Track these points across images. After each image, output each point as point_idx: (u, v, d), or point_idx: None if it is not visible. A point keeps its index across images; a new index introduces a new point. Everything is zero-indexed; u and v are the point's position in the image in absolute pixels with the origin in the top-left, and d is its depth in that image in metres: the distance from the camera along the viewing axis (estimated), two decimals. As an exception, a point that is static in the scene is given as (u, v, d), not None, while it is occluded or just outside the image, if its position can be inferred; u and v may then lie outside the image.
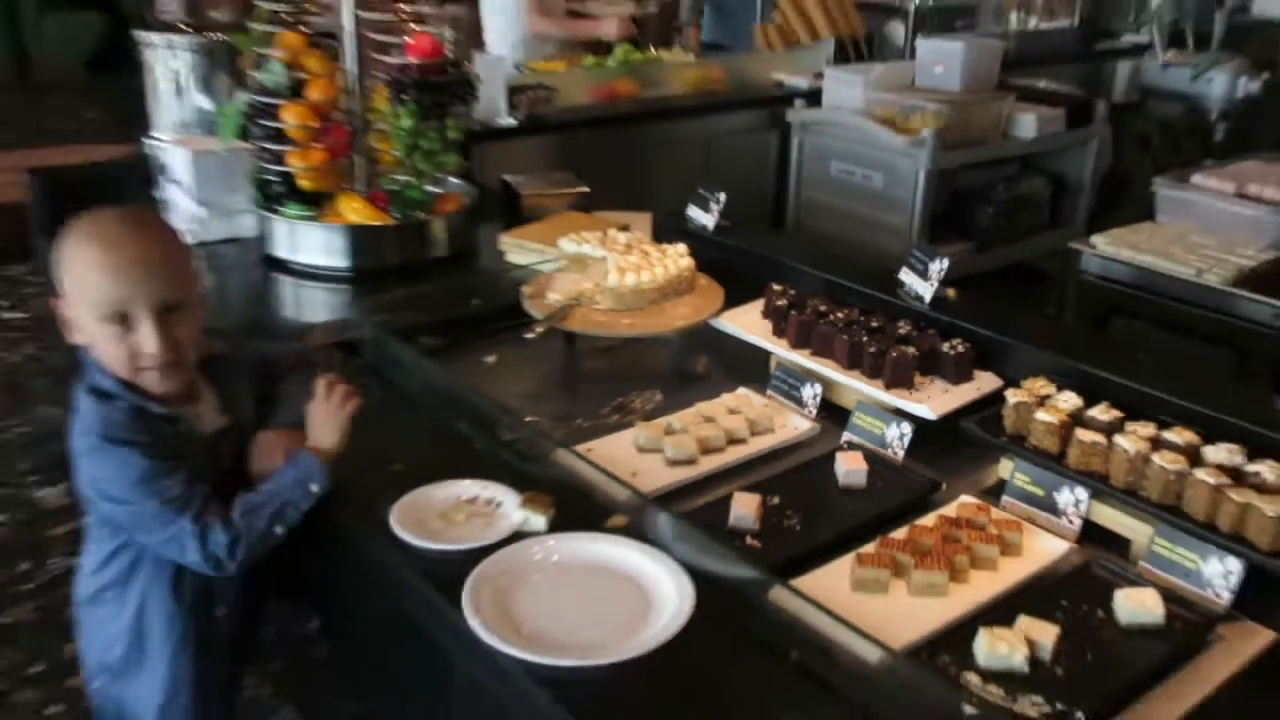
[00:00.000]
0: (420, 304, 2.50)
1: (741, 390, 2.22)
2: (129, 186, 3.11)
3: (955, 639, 1.54)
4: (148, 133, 3.34)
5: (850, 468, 1.92)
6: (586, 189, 3.19)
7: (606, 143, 4.22)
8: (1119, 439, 1.78)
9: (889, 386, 2.09)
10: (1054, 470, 1.83)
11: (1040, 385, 1.97)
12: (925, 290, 2.26)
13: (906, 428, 1.98)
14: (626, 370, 2.43)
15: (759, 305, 2.41)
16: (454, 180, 3.06)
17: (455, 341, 2.42)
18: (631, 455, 2.00)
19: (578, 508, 1.75)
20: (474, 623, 1.45)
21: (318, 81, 2.76)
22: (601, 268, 2.41)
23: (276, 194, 2.83)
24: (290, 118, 2.73)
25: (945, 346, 2.12)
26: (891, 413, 2.04)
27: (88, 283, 1.58)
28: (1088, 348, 2.10)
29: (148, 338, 1.59)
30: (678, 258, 2.44)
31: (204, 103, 3.29)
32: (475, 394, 2.07)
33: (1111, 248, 3.09)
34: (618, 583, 1.57)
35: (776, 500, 1.86)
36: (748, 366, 2.32)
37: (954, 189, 4.42)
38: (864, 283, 2.37)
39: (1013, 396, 1.94)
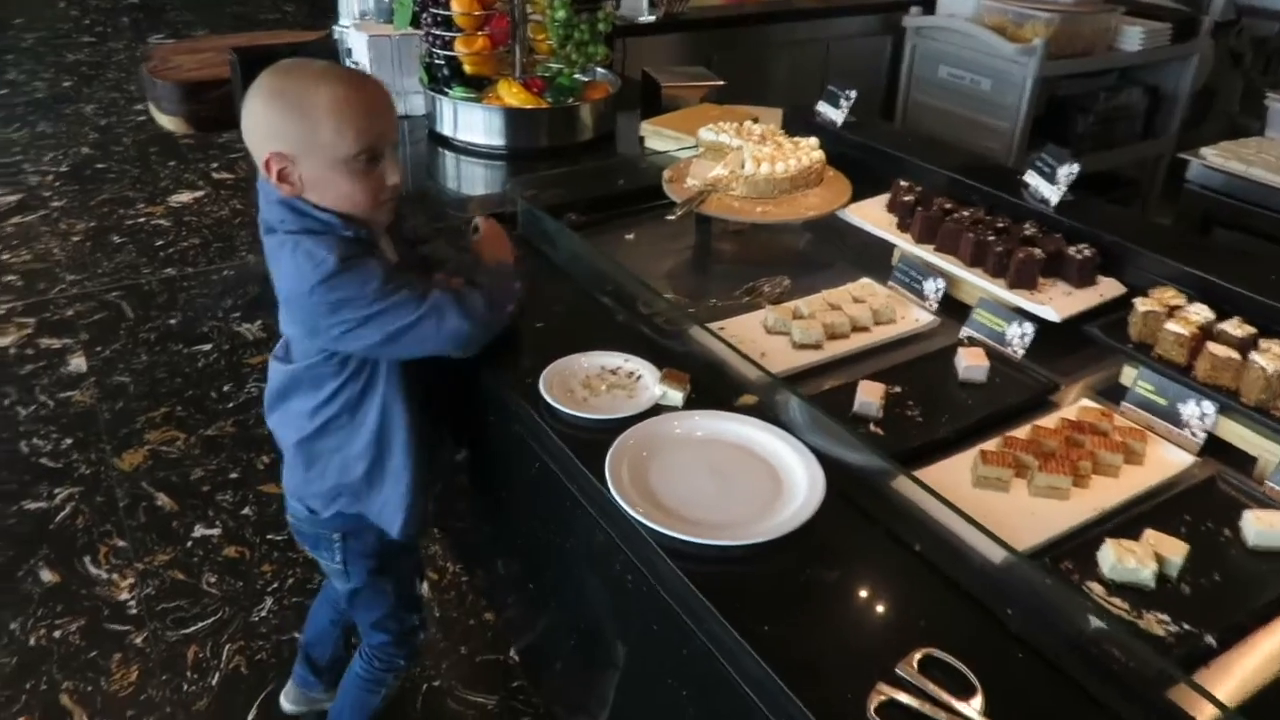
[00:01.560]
0: (569, 183, 2.25)
1: (865, 280, 1.94)
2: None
3: (1078, 546, 1.30)
4: (336, 20, 3.12)
5: (971, 363, 1.64)
6: (721, 82, 2.86)
7: (736, 41, 3.84)
8: (1255, 356, 1.47)
9: (1012, 286, 1.79)
10: (1180, 382, 1.53)
11: (1170, 295, 1.65)
12: (1052, 194, 1.93)
13: (1028, 327, 1.69)
14: (757, 255, 2.16)
15: (884, 199, 2.10)
16: (601, 70, 2.77)
17: (599, 219, 2.18)
18: (760, 336, 1.76)
19: (712, 385, 1.53)
20: (615, 493, 1.26)
21: (482, -28, 2.47)
22: (737, 156, 2.12)
23: (443, 77, 2.59)
24: (457, 6, 2.46)
25: (1071, 250, 1.81)
26: (1013, 311, 1.75)
27: (339, 122, 1.34)
28: (1219, 260, 1.76)
29: (392, 171, 1.42)
30: (809, 150, 2.14)
31: (382, -9, 3.03)
32: (618, 268, 1.83)
33: (1220, 159, 2.67)
34: (752, 464, 1.36)
35: (899, 390, 1.61)
36: (871, 258, 2.03)
37: (1053, 96, 3.93)
38: (989, 183, 2.04)
39: (1142, 305, 1.63)
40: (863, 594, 1.18)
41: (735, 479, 1.32)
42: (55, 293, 3.80)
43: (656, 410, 1.44)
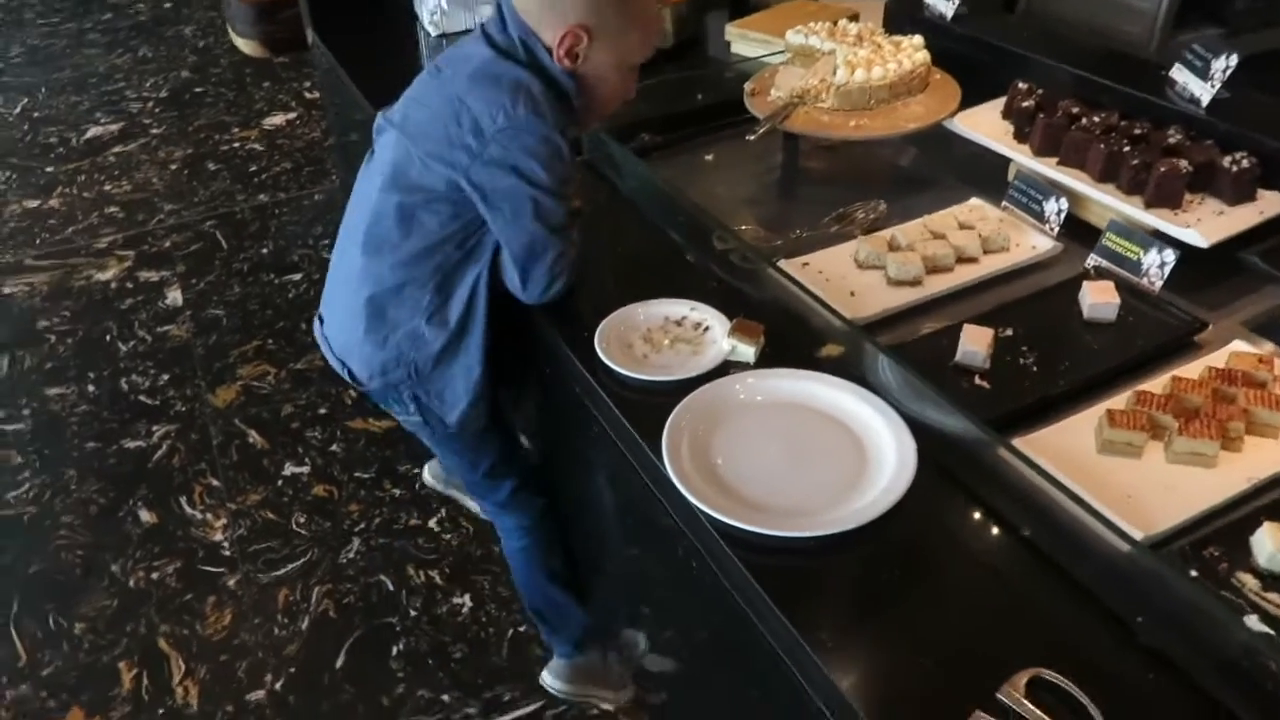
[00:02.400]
0: (643, 99, 2.05)
1: (974, 201, 1.70)
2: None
3: (1228, 528, 1.09)
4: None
5: (1098, 299, 1.41)
6: (816, -26, 2.57)
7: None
8: None
9: (1150, 205, 1.53)
10: (1360, 319, 1.28)
11: (1350, 213, 1.38)
12: (1204, 92, 1.63)
13: (1169, 255, 1.44)
14: (850, 175, 1.93)
15: (1000, 105, 1.83)
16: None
17: (676, 139, 1.98)
18: (851, 271, 1.56)
19: (791, 333, 1.35)
20: (672, 473, 1.12)
21: None
22: (829, 63, 1.88)
23: (510, -16, 2.39)
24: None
25: (1225, 160, 1.53)
26: (1151, 235, 1.49)
27: (646, 29, 1.40)
28: None
29: (633, 83, 1.44)
30: (912, 51, 1.88)
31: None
32: (689, 201, 1.65)
33: None
34: (831, 432, 1.19)
35: (1010, 333, 1.40)
36: (983, 174, 1.79)
37: (1208, -34, 3.44)
38: (1126, 81, 1.75)
39: (1314, 227, 1.36)
40: (959, 596, 1.01)
41: (812, 451, 1.16)
42: (154, 224, 3.84)
43: (725, 368, 1.28)
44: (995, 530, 1.07)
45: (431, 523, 2.45)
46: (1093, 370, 1.34)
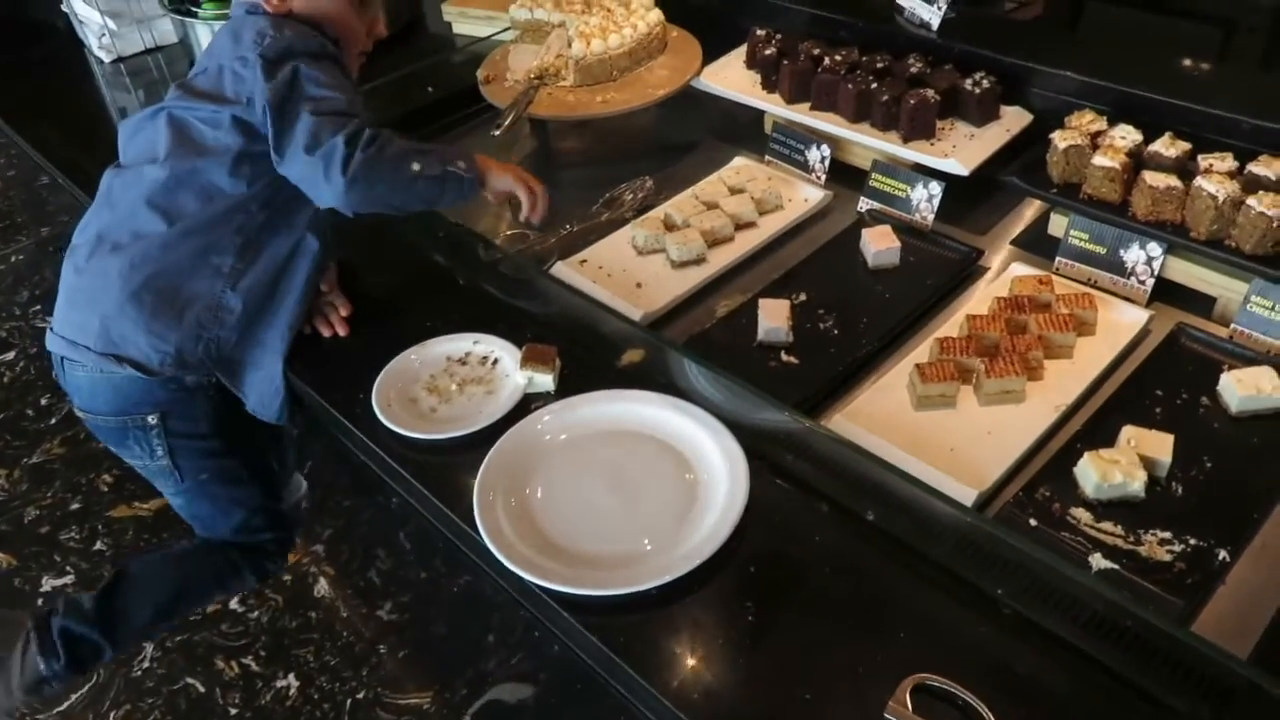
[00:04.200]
0: (369, 101, 1.85)
1: (738, 160, 1.65)
2: (29, 3, 2.35)
3: (1051, 463, 1.10)
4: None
5: (880, 246, 1.40)
6: (525, -64, 2.43)
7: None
8: (1201, 182, 1.25)
9: (907, 139, 1.53)
10: (1117, 224, 1.32)
11: (1089, 121, 1.41)
12: (932, 15, 1.64)
13: (935, 187, 1.45)
14: (608, 153, 1.82)
15: (742, 55, 1.78)
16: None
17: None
18: (631, 260, 1.47)
19: (586, 347, 1.25)
20: (491, 544, 0.99)
21: None
22: (561, 37, 1.76)
23: (187, -8, 2.11)
24: (177, -101, 1.96)
25: (967, 83, 1.54)
26: (913, 171, 1.49)
27: None
28: (1126, 60, 1.52)
29: (381, 22, 1.42)
30: (644, 12, 1.79)
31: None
32: (444, 214, 1.49)
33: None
34: (652, 454, 1.10)
35: (804, 298, 1.36)
36: (741, 130, 1.74)
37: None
38: (858, 15, 1.74)
39: (1061, 139, 1.38)
40: (823, 609, 0.95)
41: (637, 481, 1.07)
42: None
43: (525, 404, 1.16)
44: (842, 523, 1.03)
45: (233, 604, 2.20)
46: (891, 321, 1.32)
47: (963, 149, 1.50)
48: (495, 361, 1.23)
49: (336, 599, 2.14)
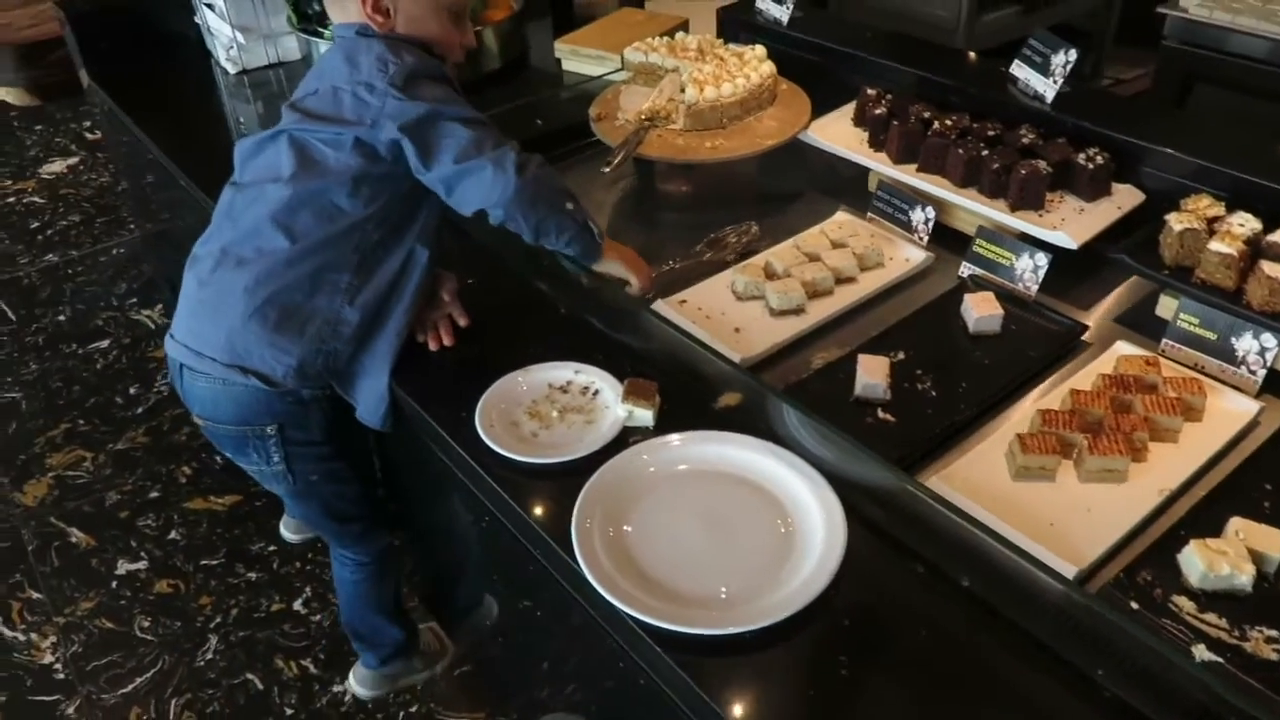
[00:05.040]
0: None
1: (841, 216, 1.66)
2: (167, 14, 2.46)
3: (1153, 547, 1.08)
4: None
5: (982, 313, 1.39)
6: (639, -19, 2.49)
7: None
8: (1322, 275, 1.23)
9: (1015, 208, 1.53)
10: (1231, 311, 1.30)
11: (1205, 205, 1.40)
12: (1047, 88, 1.64)
13: (1041, 259, 1.44)
14: (712, 197, 1.85)
15: (850, 111, 1.80)
16: (501, -18, 2.39)
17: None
18: (731, 305, 1.49)
19: (684, 385, 1.26)
20: (588, 571, 1.00)
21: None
22: (674, 81, 1.80)
23: (315, 13, 2.19)
24: (318, -76, 2.05)
25: (1080, 157, 1.54)
26: (1019, 239, 1.49)
27: None
28: (1249, 150, 1.50)
29: (470, 32, 1.42)
30: (757, 63, 1.82)
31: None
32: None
33: (1204, 11, 2.39)
34: (750, 498, 1.10)
35: (903, 356, 1.36)
36: (844, 184, 1.75)
37: (999, -51, 3.59)
38: (970, 80, 1.75)
39: (1177, 222, 1.37)
40: (914, 672, 0.94)
41: (735, 524, 1.07)
42: (-77, 301, 3.37)
43: (624, 437, 1.18)
44: (935, 585, 1.02)
45: (297, 604, 2.23)
46: (990, 388, 1.31)
47: (1072, 222, 1.49)
48: (596, 392, 1.25)
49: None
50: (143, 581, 2.30)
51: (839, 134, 1.76)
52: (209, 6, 2.30)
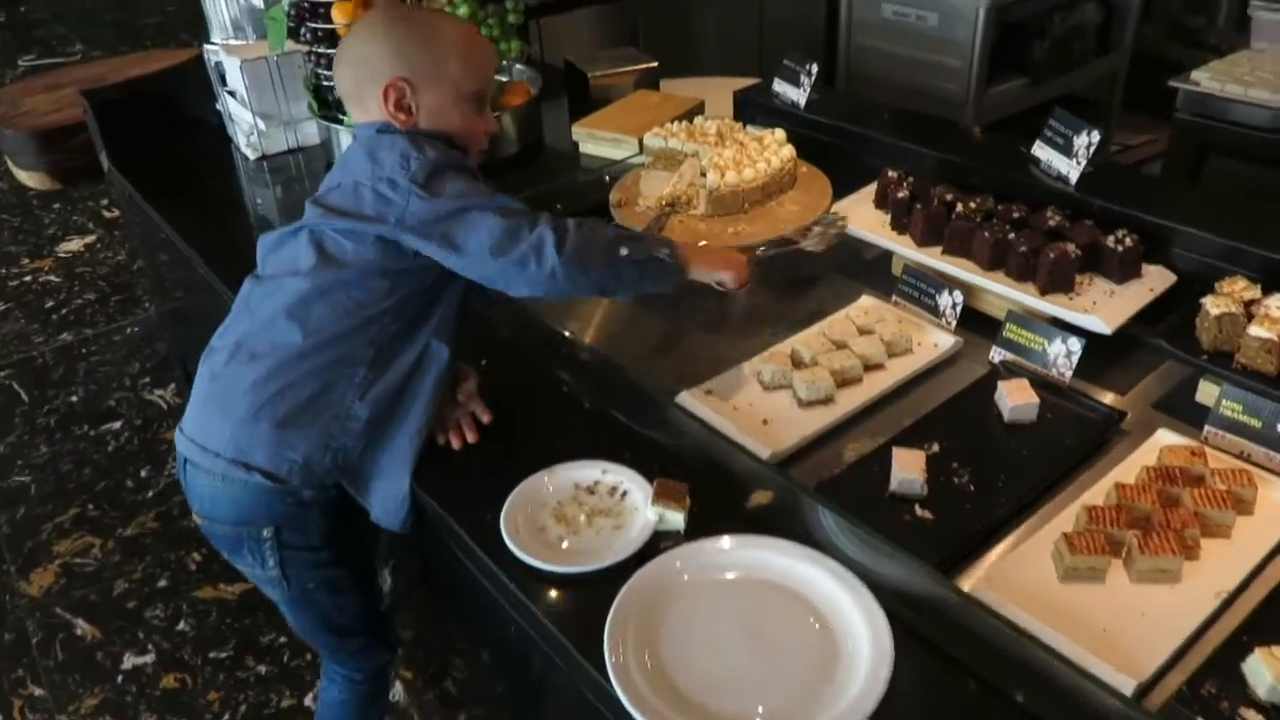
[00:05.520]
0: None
1: (866, 299, 1.64)
2: (188, 100, 2.49)
3: (1216, 658, 1.02)
4: (207, 37, 2.70)
5: (1018, 401, 1.36)
6: (654, 63, 2.51)
7: (659, 7, 3.46)
8: (1370, 363, 1.20)
9: (1045, 291, 1.50)
10: (1276, 397, 1.26)
11: (1241, 288, 1.38)
12: (1070, 169, 1.63)
13: (1075, 344, 1.41)
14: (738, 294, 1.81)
15: (870, 193, 1.79)
16: (519, 67, 2.41)
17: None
18: (758, 395, 1.45)
19: (714, 484, 1.22)
20: (622, 693, 0.95)
21: (362, -29, 2.08)
22: (694, 166, 1.79)
23: (335, 100, 2.21)
24: (341, 16, 2.07)
25: (1109, 240, 1.52)
26: (1049, 322, 1.46)
27: (466, 55, 1.34)
28: (1274, 227, 1.48)
29: (491, 118, 1.41)
30: (777, 147, 1.81)
31: (257, 1, 2.60)
32: (572, 334, 1.50)
33: (1216, 83, 2.39)
34: (789, 609, 1.05)
35: (937, 448, 1.32)
36: (867, 267, 1.74)
37: (1005, 22, 3.63)
38: (992, 161, 1.74)
39: (1213, 306, 1.35)
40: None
41: (775, 638, 1.02)
42: (-63, 384, 3.36)
43: (655, 542, 1.13)
44: (989, 701, 0.97)
45: (307, 700, 2.17)
46: (1029, 481, 1.27)
47: (1104, 306, 1.46)
48: (624, 493, 1.21)
49: (412, 705, 2.10)
50: (149, 676, 2.24)
51: (861, 217, 1.74)
52: (230, 94, 2.32)
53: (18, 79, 5.80)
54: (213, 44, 2.60)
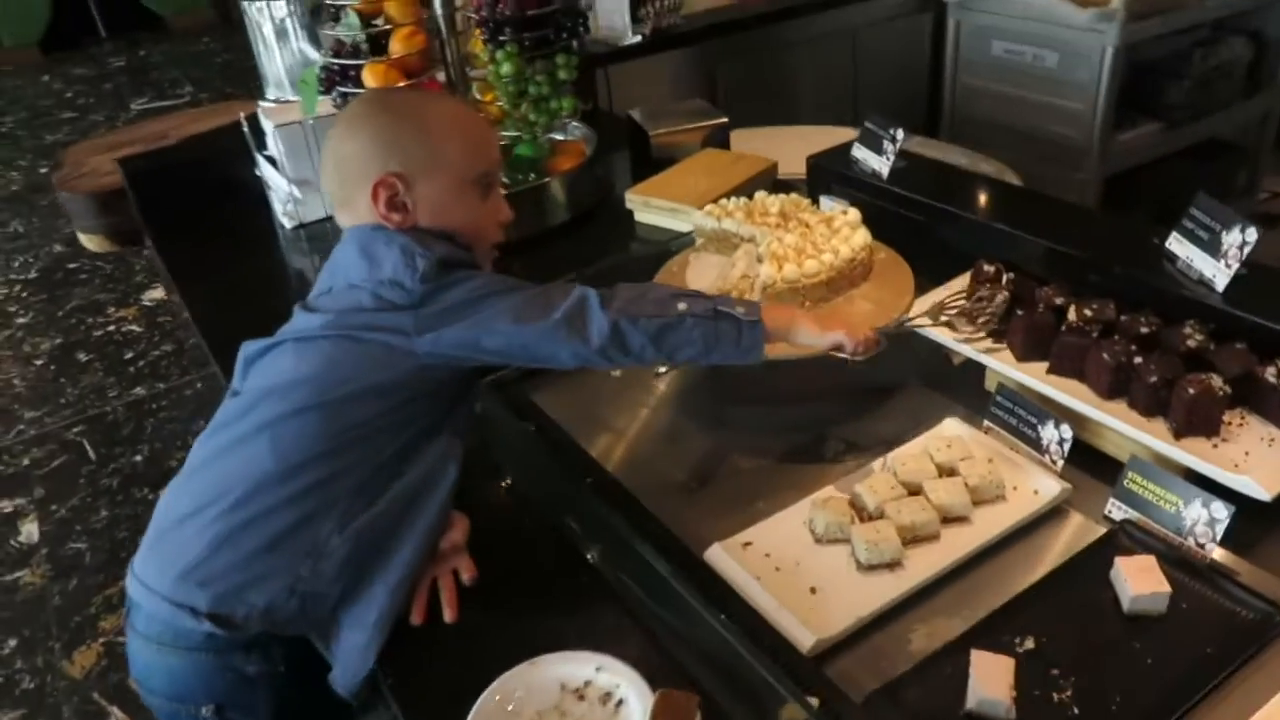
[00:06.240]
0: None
1: (950, 424, 1.34)
2: (231, 162, 2.37)
3: None
4: (263, 92, 2.59)
5: (1142, 589, 1.05)
6: (723, 119, 2.27)
7: (743, 47, 3.22)
8: None
9: (1180, 434, 1.18)
10: None
11: None
12: (1217, 273, 1.31)
13: (1220, 510, 1.08)
14: (794, 391, 1.53)
15: (962, 288, 1.50)
16: (574, 125, 2.20)
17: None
18: (807, 550, 1.18)
19: (736, 677, 0.96)
20: None
21: (400, 32, 1.91)
22: (749, 253, 1.54)
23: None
24: (372, 79, 1.90)
25: (1270, 373, 1.19)
26: (1184, 475, 1.14)
27: (465, 137, 1.19)
28: None
29: (503, 202, 1.25)
30: (849, 232, 1.54)
31: (312, 54, 2.47)
32: (591, 473, 1.26)
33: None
34: None
35: (1032, 644, 1.03)
36: (956, 378, 1.44)
37: (1134, 61, 3.25)
38: (1116, 254, 1.42)
39: None
40: None
41: None
42: (12, 437, 3.36)
43: (648, 781, 0.88)
44: None
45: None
46: (1153, 701, 0.96)
47: (1259, 459, 1.14)
48: (620, 702, 0.96)
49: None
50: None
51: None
52: (269, 158, 2.19)
53: (129, 122, 5.98)
54: (267, 100, 2.49)
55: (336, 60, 1.92)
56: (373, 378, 1.10)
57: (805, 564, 1.17)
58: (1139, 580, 1.05)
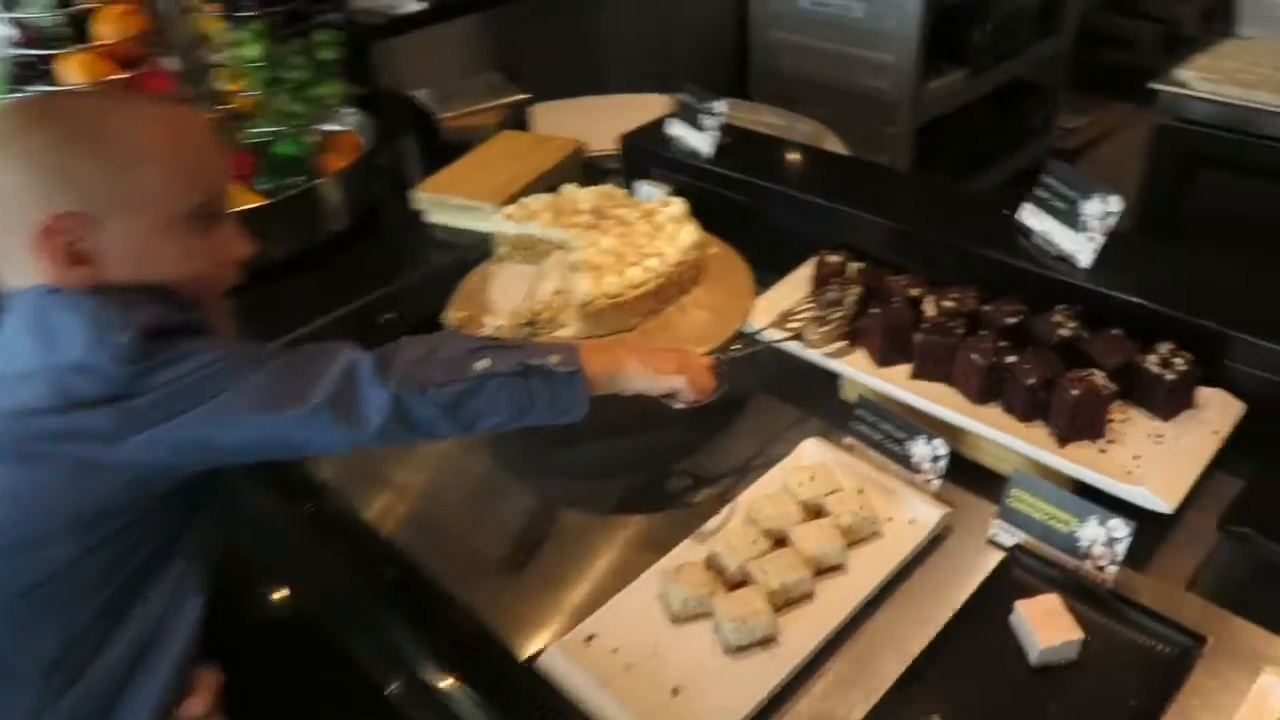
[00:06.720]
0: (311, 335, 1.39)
1: (810, 446, 1.16)
2: None
3: None
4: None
5: (1051, 640, 0.90)
6: (523, 96, 2.01)
7: (540, 11, 2.95)
8: None
9: (1065, 440, 1.04)
10: None
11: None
12: (1080, 247, 1.17)
13: (1119, 529, 0.95)
14: (623, 424, 1.30)
15: (803, 281, 1.32)
16: (346, 113, 1.88)
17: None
18: (665, 635, 0.98)
19: None
20: None
21: (109, 12, 1.55)
22: (561, 263, 1.30)
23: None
24: (74, 73, 1.53)
25: (1151, 361, 1.06)
26: (1076, 492, 1.00)
27: (166, 169, 0.88)
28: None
29: (235, 235, 0.96)
30: (675, 227, 1.33)
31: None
32: (389, 567, 1.00)
33: (1210, 85, 1.96)
34: None
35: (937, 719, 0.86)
36: (808, 386, 1.26)
37: (940, 9, 3.19)
38: (965, 235, 1.27)
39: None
40: None
41: None
42: None
43: None
44: None
45: None
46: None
47: (1152, 462, 1.01)
48: None
49: None
50: None
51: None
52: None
53: None
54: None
55: (25, 51, 1.53)
56: (66, 508, 0.81)
57: (663, 655, 0.96)
58: (1046, 630, 0.90)
